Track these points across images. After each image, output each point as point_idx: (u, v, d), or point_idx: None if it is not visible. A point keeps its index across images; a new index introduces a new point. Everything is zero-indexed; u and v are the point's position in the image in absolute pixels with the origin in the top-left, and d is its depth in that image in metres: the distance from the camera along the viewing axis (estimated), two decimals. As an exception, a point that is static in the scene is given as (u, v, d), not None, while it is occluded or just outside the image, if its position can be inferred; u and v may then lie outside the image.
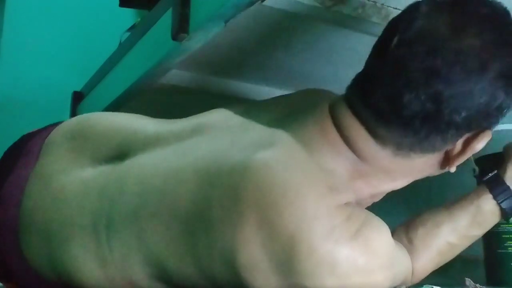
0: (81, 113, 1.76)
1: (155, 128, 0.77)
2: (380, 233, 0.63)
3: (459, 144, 0.63)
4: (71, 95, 1.81)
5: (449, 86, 0.57)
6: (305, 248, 0.57)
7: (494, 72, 0.58)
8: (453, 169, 0.65)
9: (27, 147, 0.83)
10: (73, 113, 1.79)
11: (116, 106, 1.39)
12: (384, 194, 0.71)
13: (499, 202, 0.72)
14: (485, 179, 0.74)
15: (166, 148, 0.72)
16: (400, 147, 0.62)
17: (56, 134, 0.82)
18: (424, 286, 0.73)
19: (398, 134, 0.61)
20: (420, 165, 0.65)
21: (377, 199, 0.71)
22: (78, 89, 1.79)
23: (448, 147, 0.63)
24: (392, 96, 0.59)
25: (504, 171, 0.74)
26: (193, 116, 0.78)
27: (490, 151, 0.78)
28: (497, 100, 0.59)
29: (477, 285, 0.86)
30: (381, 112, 0.61)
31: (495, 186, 0.73)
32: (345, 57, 1.06)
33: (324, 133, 0.65)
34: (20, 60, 2.08)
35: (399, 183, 0.68)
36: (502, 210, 0.73)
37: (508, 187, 0.72)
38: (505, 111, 0.61)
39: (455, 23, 0.59)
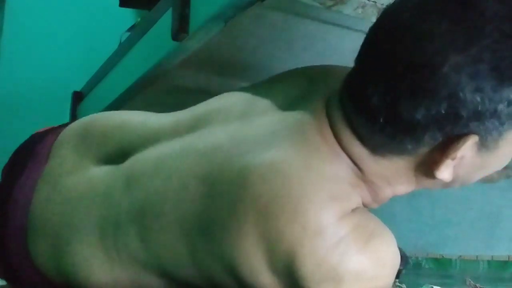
0: (81, 113, 1.77)
1: (155, 123, 0.76)
2: (388, 244, 0.61)
3: (441, 146, 0.56)
4: (71, 95, 1.81)
5: (401, 80, 0.53)
6: (308, 264, 0.56)
7: (449, 67, 0.51)
8: (441, 175, 0.57)
9: (36, 148, 0.83)
10: (73, 113, 1.79)
11: (116, 106, 1.39)
12: (387, 199, 0.67)
13: None
14: None
15: (166, 144, 0.72)
16: (375, 146, 0.59)
17: (64, 135, 0.83)
18: (424, 286, 0.73)
19: (369, 131, 0.58)
20: (408, 169, 0.60)
21: (381, 203, 0.68)
22: (78, 89, 1.79)
23: (428, 150, 0.57)
24: (359, 87, 0.58)
25: None
26: (193, 106, 0.77)
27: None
28: (462, 101, 0.52)
29: (477, 285, 0.86)
30: (356, 104, 0.59)
31: None
32: (345, 57, 1.06)
33: (321, 133, 0.62)
34: (20, 60, 2.08)
35: (399, 189, 0.64)
36: None
37: None
38: (488, 114, 0.53)
39: (417, 8, 0.55)
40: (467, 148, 0.55)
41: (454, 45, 0.52)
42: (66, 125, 0.86)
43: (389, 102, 0.54)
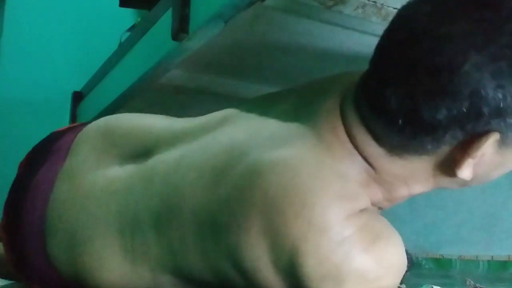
0: (81, 113, 1.77)
1: (180, 125, 0.77)
2: (395, 247, 0.61)
3: (462, 145, 0.56)
4: (71, 95, 1.82)
5: (421, 82, 0.53)
6: (311, 261, 0.56)
7: (470, 66, 0.52)
8: (462, 174, 0.57)
9: (56, 145, 0.84)
10: (73, 113, 1.79)
11: (116, 106, 1.39)
12: (403, 199, 0.67)
13: None
14: None
15: (191, 143, 0.72)
16: (392, 146, 0.59)
17: (85, 133, 0.84)
18: (424, 286, 0.73)
19: (387, 132, 0.58)
20: (426, 168, 0.60)
21: (396, 202, 0.68)
22: (78, 89, 1.80)
23: (449, 149, 0.57)
24: (376, 90, 0.58)
25: None
26: (221, 110, 0.78)
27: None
28: (484, 98, 0.52)
29: (477, 285, 0.86)
30: (373, 106, 0.59)
31: None
32: (345, 57, 1.06)
33: (334, 131, 0.62)
34: (20, 60, 2.08)
35: (416, 188, 0.64)
36: None
37: None
38: (509, 110, 0.53)
39: (434, 10, 0.55)
40: (489, 146, 0.55)
41: (473, 44, 0.52)
42: (86, 123, 0.88)
43: (409, 104, 0.54)
